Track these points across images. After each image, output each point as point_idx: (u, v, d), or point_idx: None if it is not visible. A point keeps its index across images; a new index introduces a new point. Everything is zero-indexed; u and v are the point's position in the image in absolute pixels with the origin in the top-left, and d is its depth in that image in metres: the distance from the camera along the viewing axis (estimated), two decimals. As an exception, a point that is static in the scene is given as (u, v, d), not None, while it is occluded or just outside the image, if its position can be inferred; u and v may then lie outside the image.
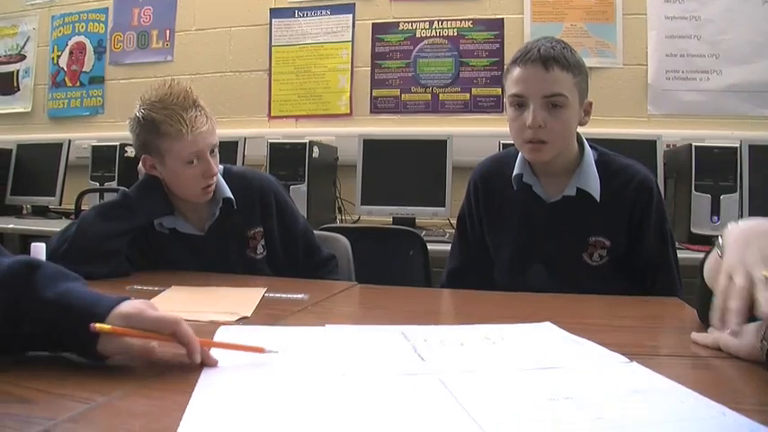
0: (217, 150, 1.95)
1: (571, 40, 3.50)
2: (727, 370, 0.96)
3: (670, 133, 3.37)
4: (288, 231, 2.10)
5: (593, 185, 1.83)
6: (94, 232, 1.82)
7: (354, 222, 3.60)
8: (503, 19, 3.74)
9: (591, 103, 1.88)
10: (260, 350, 0.94)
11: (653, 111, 3.55)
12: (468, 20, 3.78)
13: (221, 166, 2.03)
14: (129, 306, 0.92)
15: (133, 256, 1.94)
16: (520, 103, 1.79)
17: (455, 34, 3.80)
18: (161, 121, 1.83)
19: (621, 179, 1.85)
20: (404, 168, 3.43)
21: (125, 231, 1.89)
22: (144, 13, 4.46)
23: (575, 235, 1.83)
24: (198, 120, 1.87)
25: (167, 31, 4.39)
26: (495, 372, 0.91)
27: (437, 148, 3.37)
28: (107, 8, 4.57)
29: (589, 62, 3.48)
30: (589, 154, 1.87)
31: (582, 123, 1.86)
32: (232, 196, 2.01)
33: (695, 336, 1.09)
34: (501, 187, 1.95)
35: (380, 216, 3.49)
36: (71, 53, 4.65)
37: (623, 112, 3.55)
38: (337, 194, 3.77)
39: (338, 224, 3.44)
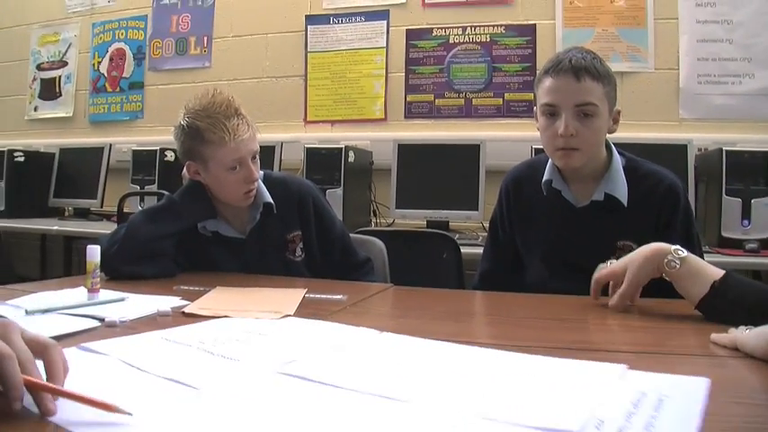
0: (258, 157, 2.03)
1: (602, 45, 3.57)
2: (743, 368, 1.01)
3: (702, 137, 3.39)
4: (325, 234, 2.16)
5: (621, 190, 1.87)
6: (143, 234, 1.91)
7: (389, 225, 3.67)
8: (535, 25, 3.78)
9: (619, 111, 1.92)
10: (110, 408, 0.72)
11: (685, 115, 3.57)
12: (501, 26, 3.83)
13: (261, 172, 2.10)
14: None
15: (177, 258, 2.03)
16: (552, 112, 1.84)
17: (488, 40, 3.86)
18: (205, 129, 1.91)
19: (649, 184, 1.89)
20: (438, 172, 3.49)
21: (171, 234, 1.98)
22: (182, 21, 4.58)
23: (603, 239, 1.87)
24: (240, 128, 1.94)
25: (205, 38, 4.50)
26: (317, 354, 1.03)
27: (470, 152, 3.43)
28: (146, 16, 4.70)
29: (620, 67, 3.55)
30: (617, 160, 1.92)
31: (611, 131, 1.91)
32: (272, 201, 2.09)
33: (714, 336, 1.15)
34: (532, 192, 2.00)
35: (415, 219, 3.57)
36: (111, 59, 4.78)
37: (655, 116, 3.57)
38: (372, 198, 3.85)
39: (373, 227, 3.51)
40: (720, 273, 1.33)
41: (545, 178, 1.95)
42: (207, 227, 2.08)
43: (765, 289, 1.30)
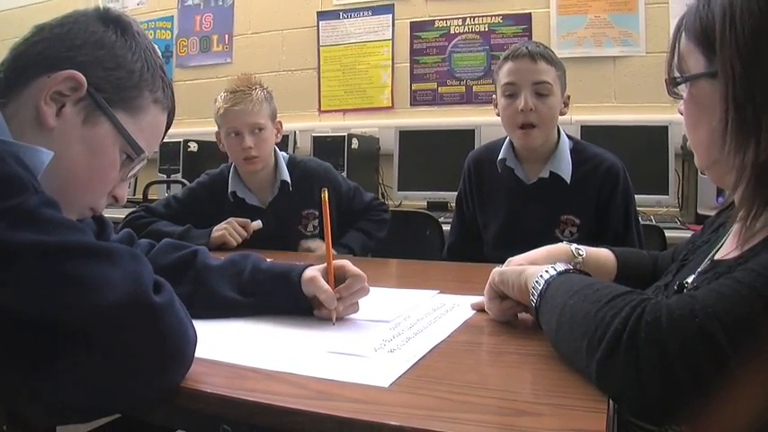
0: (263, 131, 2.34)
1: (595, 31, 3.73)
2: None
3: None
4: (349, 208, 2.51)
5: (565, 169, 2.09)
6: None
7: (397, 206, 3.88)
8: (530, 13, 3.93)
9: (569, 96, 2.15)
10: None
11: (675, 96, 3.69)
12: (498, 15, 3.99)
13: (285, 154, 2.45)
14: None
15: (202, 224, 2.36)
16: (512, 92, 2.07)
17: (486, 29, 4.02)
18: (218, 100, 2.34)
19: (591, 165, 2.10)
20: (437, 156, 3.69)
21: None
22: (205, 20, 4.85)
23: (548, 212, 2.09)
24: (237, 98, 2.30)
25: (226, 36, 4.76)
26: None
27: (467, 136, 3.62)
28: (172, 16, 4.98)
29: (612, 52, 3.71)
30: (564, 142, 2.13)
31: (562, 113, 2.13)
32: (289, 180, 2.40)
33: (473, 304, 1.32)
34: (489, 171, 2.23)
35: (416, 201, 3.79)
36: (142, 58, 5.05)
37: (647, 98, 3.67)
38: (380, 181, 4.08)
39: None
40: (613, 262, 1.45)
41: (500, 157, 2.18)
42: (237, 192, 2.41)
43: (646, 270, 1.46)
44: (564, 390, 0.82)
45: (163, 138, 1.13)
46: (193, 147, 4.15)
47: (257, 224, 2.34)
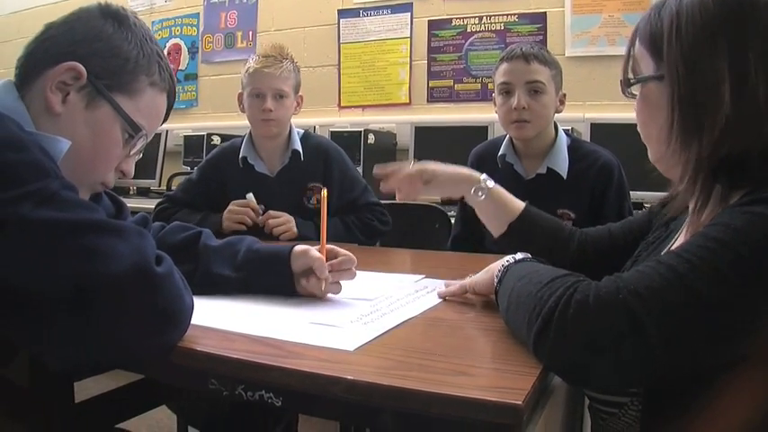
0: (284, 99, 2.41)
1: (609, 30, 3.79)
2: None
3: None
4: (345, 193, 2.51)
5: (562, 165, 2.18)
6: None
7: (413, 200, 3.97)
8: (545, 12, 4.00)
9: (565, 95, 2.25)
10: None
11: (688, 94, 3.75)
12: (514, 14, 4.06)
13: (301, 131, 2.53)
14: None
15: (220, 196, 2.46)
16: (507, 90, 2.18)
17: (502, 28, 4.10)
18: (249, 62, 2.43)
19: (587, 161, 2.19)
20: (452, 152, 3.75)
21: None
22: (230, 17, 4.99)
23: (545, 207, 2.16)
24: (268, 62, 2.38)
25: (250, 32, 4.90)
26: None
27: (480, 133, 3.68)
28: (198, 13, 5.13)
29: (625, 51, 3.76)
30: (562, 139, 2.23)
31: (558, 111, 2.23)
32: (300, 150, 2.47)
33: (441, 292, 1.35)
34: (491, 166, 2.32)
35: (430, 194, 3.85)
36: (169, 53, 5.18)
37: (659, 96, 3.76)
38: (396, 176, 4.16)
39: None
40: (519, 210, 1.57)
41: (500, 153, 2.28)
42: (248, 159, 2.48)
43: (550, 231, 1.58)
44: (507, 358, 0.92)
45: (166, 118, 1.28)
46: (216, 140, 4.27)
47: (249, 197, 2.41)
